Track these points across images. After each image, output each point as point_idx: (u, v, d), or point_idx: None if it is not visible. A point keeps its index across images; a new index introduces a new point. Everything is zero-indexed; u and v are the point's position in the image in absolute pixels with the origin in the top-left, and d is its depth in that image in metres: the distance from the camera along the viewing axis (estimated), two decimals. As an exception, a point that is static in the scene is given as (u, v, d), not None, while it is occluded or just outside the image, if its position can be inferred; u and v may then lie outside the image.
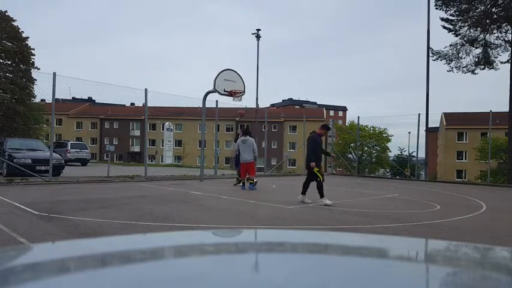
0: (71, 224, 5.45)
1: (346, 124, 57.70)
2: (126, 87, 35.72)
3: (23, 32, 25.09)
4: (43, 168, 12.18)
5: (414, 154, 30.70)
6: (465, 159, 46.51)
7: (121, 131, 57.71)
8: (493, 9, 19.72)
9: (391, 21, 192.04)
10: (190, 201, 8.34)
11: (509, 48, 19.82)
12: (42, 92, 32.21)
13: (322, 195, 8.09)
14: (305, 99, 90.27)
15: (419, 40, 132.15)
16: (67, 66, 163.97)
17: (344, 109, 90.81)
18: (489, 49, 20.52)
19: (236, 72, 14.64)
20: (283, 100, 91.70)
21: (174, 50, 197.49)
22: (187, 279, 0.64)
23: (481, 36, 20.48)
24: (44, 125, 28.90)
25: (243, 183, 11.22)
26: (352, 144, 43.69)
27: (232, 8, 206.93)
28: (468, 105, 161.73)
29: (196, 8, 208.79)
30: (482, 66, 20.79)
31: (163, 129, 23.29)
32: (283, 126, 57.16)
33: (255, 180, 11.07)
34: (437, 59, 21.35)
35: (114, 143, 51.14)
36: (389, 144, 47.95)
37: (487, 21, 19.75)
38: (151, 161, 42.86)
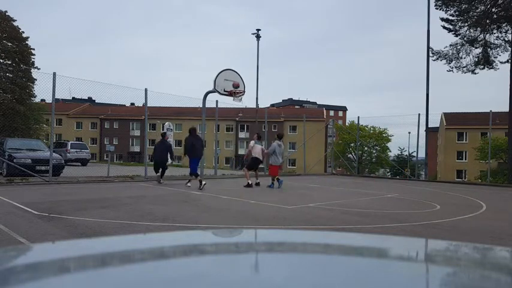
0: (71, 224, 5.45)
1: (346, 124, 57.69)
2: (126, 87, 35.68)
3: (23, 32, 25.08)
4: (43, 168, 12.18)
5: (414, 154, 30.73)
6: (465, 159, 46.50)
7: (121, 131, 57.69)
8: (493, 9, 19.71)
9: (391, 21, 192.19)
10: (190, 201, 8.34)
11: (509, 48, 19.82)
12: (42, 92, 32.22)
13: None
14: (305, 99, 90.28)
15: (419, 40, 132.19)
16: (67, 66, 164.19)
17: (344, 109, 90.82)
18: (489, 49, 20.51)
19: (236, 72, 14.65)
20: (283, 100, 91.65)
21: (173, 50, 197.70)
22: (187, 279, 0.64)
23: (481, 36, 20.48)
24: (44, 125, 28.88)
25: (275, 181, 11.92)
26: (352, 144, 43.71)
27: (232, 8, 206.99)
28: (468, 105, 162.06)
29: (196, 8, 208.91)
30: (482, 66, 20.78)
31: (163, 129, 23.28)
32: (283, 126, 57.13)
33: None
34: (437, 59, 21.35)
35: (114, 143, 51.10)
36: (389, 144, 47.95)
37: (487, 21, 19.75)
38: (151, 161, 42.69)
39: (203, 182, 10.86)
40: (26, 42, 25.16)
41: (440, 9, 20.67)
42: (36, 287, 0.60)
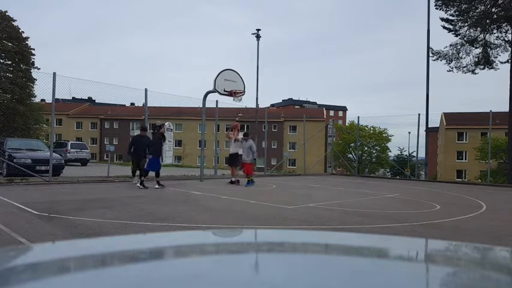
0: (71, 224, 5.45)
1: (346, 124, 57.68)
2: (126, 87, 35.61)
3: (23, 32, 25.07)
4: (43, 168, 12.17)
5: (414, 154, 30.71)
6: (465, 159, 46.46)
7: (121, 131, 57.60)
8: (493, 9, 19.70)
9: (391, 21, 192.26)
10: (190, 201, 8.34)
11: (509, 48, 19.81)
12: (42, 92, 32.18)
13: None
14: (305, 99, 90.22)
15: (419, 40, 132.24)
16: (67, 66, 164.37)
17: (344, 109, 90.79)
18: (489, 49, 20.50)
19: (236, 72, 14.64)
20: (283, 100, 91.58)
21: (173, 50, 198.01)
22: (187, 279, 0.64)
23: (481, 36, 20.47)
24: (44, 125, 28.88)
25: (251, 181, 12.30)
26: (352, 144, 43.71)
27: (232, 8, 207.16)
28: (468, 105, 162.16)
29: (196, 8, 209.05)
30: (482, 66, 20.76)
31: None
32: (283, 126, 57.07)
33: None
34: (437, 59, 21.33)
35: (114, 143, 51.03)
36: (389, 144, 47.96)
37: (487, 21, 19.74)
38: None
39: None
40: (26, 42, 25.15)
41: (440, 9, 20.67)
42: (36, 287, 0.60)
